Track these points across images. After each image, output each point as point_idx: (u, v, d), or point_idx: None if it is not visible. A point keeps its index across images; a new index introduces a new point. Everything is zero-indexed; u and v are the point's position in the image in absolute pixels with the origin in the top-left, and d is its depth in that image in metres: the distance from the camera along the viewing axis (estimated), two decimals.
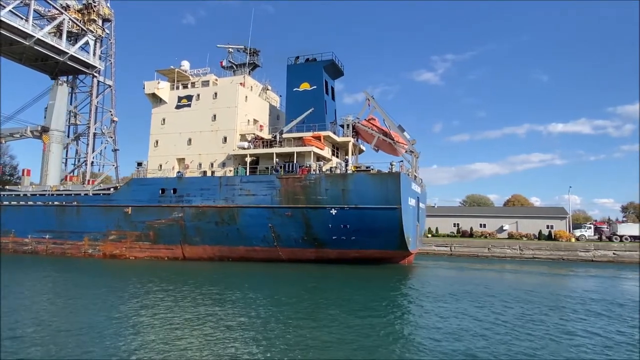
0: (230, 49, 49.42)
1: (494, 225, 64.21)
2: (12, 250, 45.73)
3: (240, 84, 43.85)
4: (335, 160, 42.41)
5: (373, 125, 43.20)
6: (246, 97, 42.89)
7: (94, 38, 60.13)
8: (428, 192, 48.58)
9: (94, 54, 60.22)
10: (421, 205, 43.91)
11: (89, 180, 57.22)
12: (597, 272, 37.61)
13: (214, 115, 41.86)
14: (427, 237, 59.09)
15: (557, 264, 44.52)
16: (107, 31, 63.44)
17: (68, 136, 64.09)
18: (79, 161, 63.79)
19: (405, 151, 42.52)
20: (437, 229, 64.25)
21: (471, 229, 62.96)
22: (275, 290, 23.76)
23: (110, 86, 61.48)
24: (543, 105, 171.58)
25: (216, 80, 45.42)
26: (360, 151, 47.45)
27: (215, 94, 42.45)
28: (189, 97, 43.32)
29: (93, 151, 61.56)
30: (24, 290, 22.82)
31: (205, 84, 44.48)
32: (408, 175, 39.53)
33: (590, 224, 66.20)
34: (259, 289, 24.12)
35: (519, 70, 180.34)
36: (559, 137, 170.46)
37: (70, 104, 64.83)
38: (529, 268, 40.01)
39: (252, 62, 49.04)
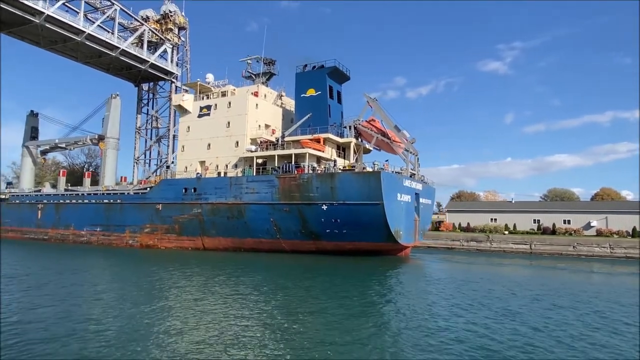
0: (249, 61, 54.64)
1: (580, 222, 59.23)
2: (72, 241, 54.57)
3: (254, 93, 48.71)
4: (336, 159, 45.77)
5: (373, 126, 46.09)
6: (257, 104, 47.61)
7: (171, 46, 66.96)
8: (503, 186, 47.80)
9: (172, 61, 66.91)
10: (423, 200, 45.96)
11: (140, 181, 65.44)
12: None
13: (228, 122, 47.09)
14: (504, 234, 57.59)
15: None
16: (183, 39, 69.82)
17: (151, 139, 72.23)
18: (160, 162, 71.56)
19: (404, 150, 44.92)
20: (514, 225, 60.79)
21: (553, 225, 58.72)
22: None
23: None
24: (628, 91, 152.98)
25: (234, 90, 50.63)
26: (367, 151, 50.36)
27: (229, 103, 47.68)
28: (209, 107, 48.98)
29: (173, 152, 68.64)
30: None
31: (223, 94, 49.86)
32: (401, 173, 42.09)
33: None
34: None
35: (596, 54, 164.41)
36: None
37: (152, 109, 72.87)
38: (622, 269, 36.84)
39: (267, 71, 53.92)
